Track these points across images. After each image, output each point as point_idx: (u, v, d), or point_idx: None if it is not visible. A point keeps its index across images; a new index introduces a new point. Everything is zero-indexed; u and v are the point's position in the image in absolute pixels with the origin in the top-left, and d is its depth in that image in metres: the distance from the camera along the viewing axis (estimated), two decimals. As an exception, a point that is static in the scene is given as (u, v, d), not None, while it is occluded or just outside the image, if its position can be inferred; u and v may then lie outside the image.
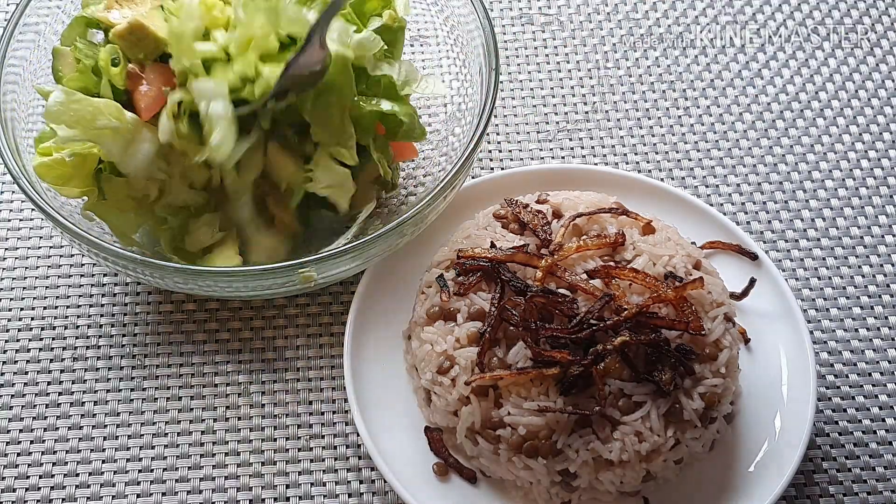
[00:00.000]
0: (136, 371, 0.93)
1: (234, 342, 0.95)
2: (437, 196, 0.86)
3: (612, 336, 0.81)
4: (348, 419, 0.92)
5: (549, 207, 0.92)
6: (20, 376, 0.93)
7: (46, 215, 0.82)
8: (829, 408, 0.94)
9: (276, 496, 0.88)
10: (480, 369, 0.82)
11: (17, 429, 0.90)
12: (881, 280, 1.01)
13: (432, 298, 0.88)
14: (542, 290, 0.83)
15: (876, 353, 0.97)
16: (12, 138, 0.87)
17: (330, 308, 0.97)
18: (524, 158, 1.08)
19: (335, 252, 0.82)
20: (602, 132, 1.10)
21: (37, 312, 0.96)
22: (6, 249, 1.00)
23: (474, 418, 0.82)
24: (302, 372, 0.94)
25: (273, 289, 0.87)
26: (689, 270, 0.88)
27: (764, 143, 1.10)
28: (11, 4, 1.16)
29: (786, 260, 1.02)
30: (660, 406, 0.81)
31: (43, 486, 0.88)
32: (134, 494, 0.87)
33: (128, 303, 0.97)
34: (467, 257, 0.87)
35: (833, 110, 1.12)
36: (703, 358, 0.84)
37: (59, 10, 0.95)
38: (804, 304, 0.99)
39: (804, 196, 1.06)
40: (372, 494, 0.88)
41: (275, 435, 0.91)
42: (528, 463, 0.81)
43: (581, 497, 0.83)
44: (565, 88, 1.13)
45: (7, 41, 0.89)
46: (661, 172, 1.07)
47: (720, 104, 1.13)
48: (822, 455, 0.91)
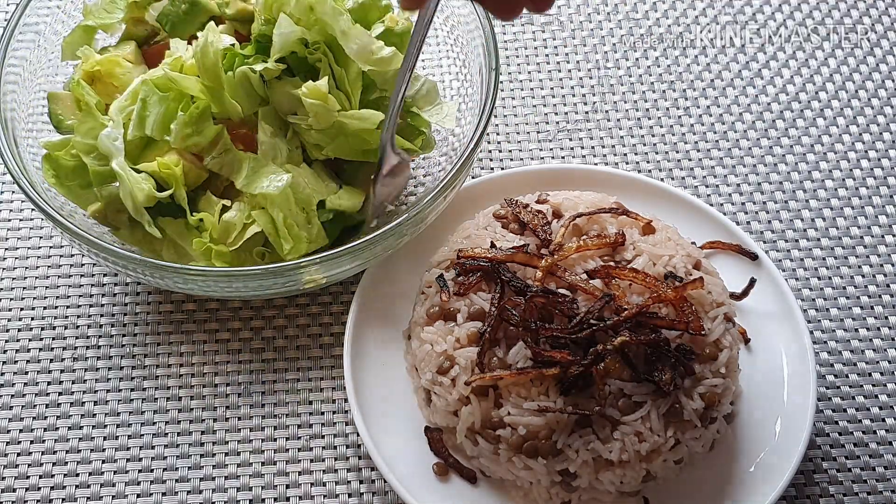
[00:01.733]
0: (136, 371, 0.93)
1: (234, 342, 0.95)
2: (437, 196, 0.86)
3: (612, 336, 0.81)
4: (348, 419, 0.92)
5: (549, 207, 0.92)
6: (20, 376, 0.93)
7: (46, 215, 0.82)
8: (829, 408, 0.94)
9: (276, 496, 0.88)
10: (480, 369, 0.82)
11: (17, 429, 0.90)
12: (881, 280, 1.01)
13: (432, 298, 0.88)
14: (542, 290, 0.83)
15: (876, 353, 0.97)
16: (12, 138, 0.87)
17: (330, 308, 0.97)
18: (524, 158, 1.08)
19: (335, 252, 0.82)
20: (602, 132, 1.10)
21: (37, 312, 0.96)
22: (6, 249, 1.00)
23: (474, 418, 0.82)
24: (302, 372, 0.94)
25: (273, 289, 0.87)
26: (689, 270, 0.88)
27: (764, 143, 1.10)
28: (11, 4, 1.16)
29: (786, 260, 1.02)
30: (660, 406, 0.81)
31: (43, 486, 0.88)
32: (134, 494, 0.87)
33: (128, 303, 0.97)
34: (467, 257, 0.87)
35: (833, 110, 1.12)
36: (703, 358, 0.84)
37: (58, 10, 0.95)
38: (804, 304, 0.99)
39: (804, 196, 1.06)
40: (372, 494, 0.88)
41: (275, 435, 0.91)
42: (528, 463, 0.81)
43: (581, 497, 0.83)
44: (565, 88, 1.13)
45: (7, 41, 0.89)
46: (661, 172, 1.07)
47: (720, 104, 1.13)
48: (822, 455, 0.91)
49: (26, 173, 0.84)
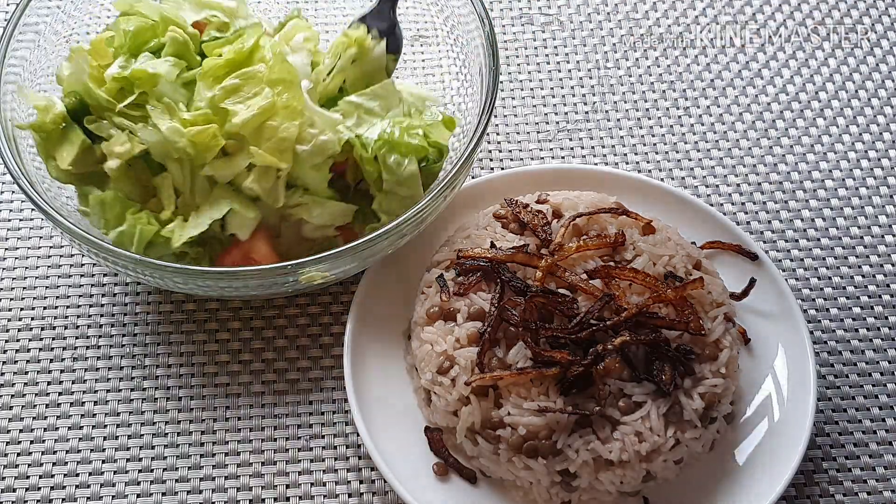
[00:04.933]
0: (136, 371, 0.93)
1: (235, 342, 0.95)
2: (436, 196, 0.86)
3: (612, 336, 0.81)
4: (348, 419, 0.92)
5: (549, 207, 0.92)
6: (20, 376, 0.93)
7: (46, 215, 0.82)
8: (829, 408, 0.94)
9: (276, 496, 0.88)
10: (480, 369, 0.82)
11: (17, 429, 0.90)
12: (881, 279, 1.01)
13: (432, 298, 0.88)
14: (542, 290, 0.83)
15: (876, 352, 0.97)
16: (12, 138, 0.87)
17: (330, 308, 0.97)
18: (524, 158, 1.08)
19: (335, 252, 0.82)
20: (602, 132, 1.10)
21: (37, 312, 0.96)
22: (6, 249, 1.00)
23: (474, 418, 0.82)
24: (302, 372, 0.94)
25: (273, 289, 0.87)
26: (689, 270, 0.88)
27: (764, 143, 1.10)
28: (11, 4, 1.16)
29: (786, 260, 1.02)
30: (660, 406, 0.81)
31: (43, 486, 0.88)
32: (134, 494, 0.87)
33: (128, 303, 0.97)
34: (467, 257, 0.87)
35: (833, 110, 1.12)
36: (703, 358, 0.84)
37: (58, 10, 0.95)
38: (804, 303, 0.99)
39: (804, 196, 1.06)
40: (372, 494, 0.88)
41: (275, 435, 0.91)
42: (528, 463, 0.81)
43: (581, 497, 0.83)
44: (565, 88, 1.13)
45: (7, 41, 0.89)
46: (661, 172, 1.07)
47: (720, 104, 1.13)
48: (822, 455, 0.91)
49: (26, 173, 0.84)
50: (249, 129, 0.84)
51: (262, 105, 0.84)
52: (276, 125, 0.84)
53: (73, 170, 0.87)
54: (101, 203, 0.87)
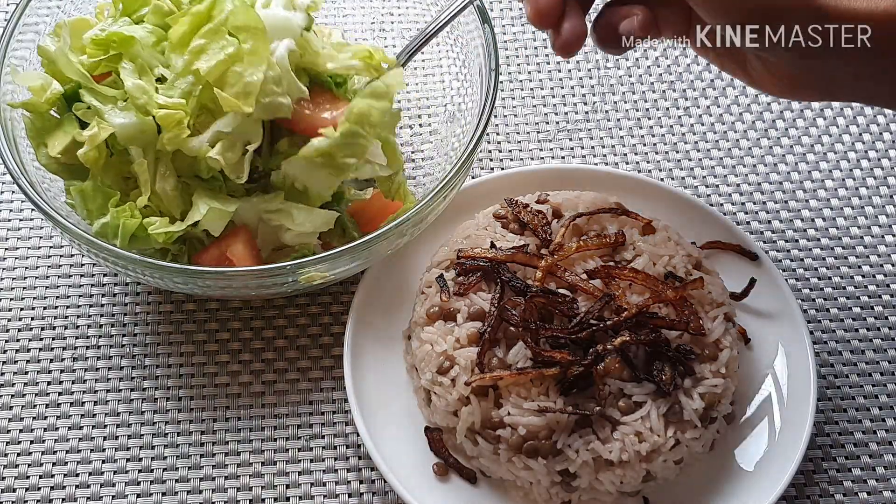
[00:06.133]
0: (136, 371, 0.93)
1: (234, 342, 0.95)
2: (436, 196, 0.85)
3: (612, 336, 0.81)
4: (348, 419, 0.92)
5: (549, 207, 0.92)
6: (20, 376, 0.93)
7: (46, 215, 0.82)
8: (829, 408, 0.94)
9: (276, 496, 0.88)
10: (480, 369, 0.82)
11: (17, 429, 0.90)
12: (881, 279, 1.01)
13: (432, 298, 0.88)
14: (542, 290, 0.83)
15: (876, 353, 0.97)
16: (12, 138, 0.86)
17: (330, 308, 0.97)
18: (524, 158, 1.08)
19: (335, 252, 0.82)
20: (602, 132, 1.10)
21: (37, 312, 0.96)
22: (6, 249, 1.00)
23: (474, 418, 0.82)
24: (302, 372, 0.94)
25: (273, 289, 0.87)
26: (689, 270, 0.88)
27: (764, 143, 1.10)
28: (11, 4, 1.16)
29: (786, 259, 1.02)
30: (660, 406, 0.81)
31: (43, 486, 0.88)
32: (134, 494, 0.87)
33: (128, 303, 0.97)
34: (467, 257, 0.87)
35: (833, 110, 1.12)
36: (703, 358, 0.84)
37: (58, 10, 0.94)
38: (804, 303, 0.99)
39: (804, 196, 1.06)
40: (372, 494, 0.88)
41: (275, 435, 0.91)
42: (528, 463, 0.81)
43: (581, 497, 0.83)
44: (565, 88, 1.13)
45: (7, 41, 0.89)
46: (661, 172, 1.07)
47: (720, 104, 1.12)
48: (822, 455, 0.91)
49: (26, 173, 0.84)
50: (214, 75, 0.82)
51: (229, 52, 0.82)
52: (241, 71, 0.82)
53: (63, 159, 0.86)
54: (81, 193, 0.86)
